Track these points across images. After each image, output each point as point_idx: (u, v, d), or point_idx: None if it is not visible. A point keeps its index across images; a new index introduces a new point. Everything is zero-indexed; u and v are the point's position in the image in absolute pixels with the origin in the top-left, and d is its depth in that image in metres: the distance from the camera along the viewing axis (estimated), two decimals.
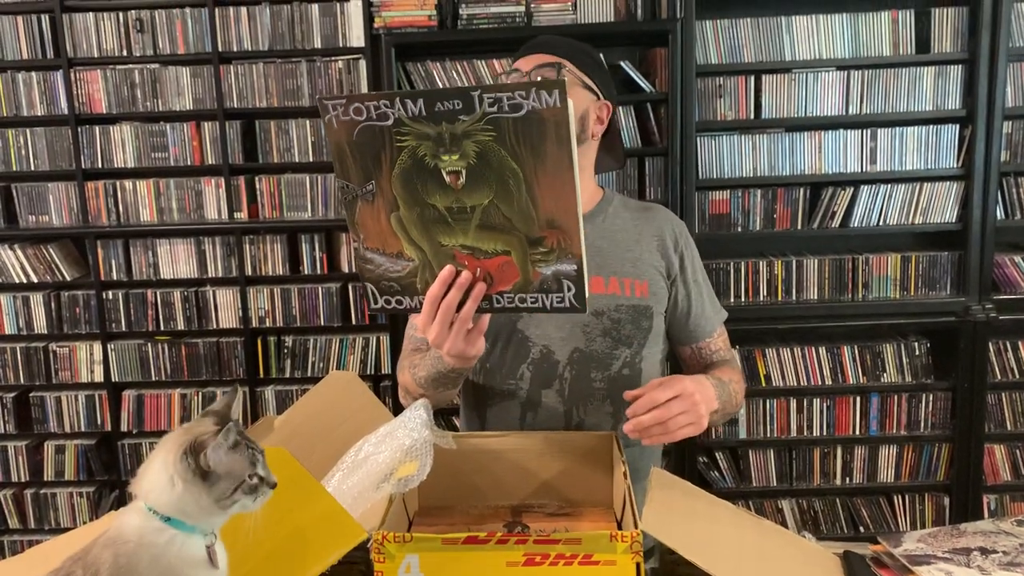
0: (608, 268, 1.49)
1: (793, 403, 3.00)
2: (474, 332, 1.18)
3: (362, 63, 2.96)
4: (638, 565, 0.99)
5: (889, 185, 2.90)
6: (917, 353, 2.96)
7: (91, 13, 2.97)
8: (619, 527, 1.23)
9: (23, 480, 3.19)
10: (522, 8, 2.84)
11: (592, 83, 1.50)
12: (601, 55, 2.88)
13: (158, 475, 0.86)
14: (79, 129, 3.03)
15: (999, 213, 2.89)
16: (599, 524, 1.25)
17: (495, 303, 1.14)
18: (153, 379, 3.13)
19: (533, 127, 1.00)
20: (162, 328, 3.11)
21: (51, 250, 3.09)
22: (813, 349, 2.96)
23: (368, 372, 3.11)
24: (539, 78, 1.41)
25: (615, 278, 1.49)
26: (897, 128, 2.88)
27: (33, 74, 3.03)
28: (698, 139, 2.88)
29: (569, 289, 1.10)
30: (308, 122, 3.01)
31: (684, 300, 1.55)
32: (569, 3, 2.85)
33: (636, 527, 1.02)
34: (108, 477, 3.20)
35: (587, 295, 1.11)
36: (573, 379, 1.49)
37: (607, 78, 1.55)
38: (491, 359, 1.52)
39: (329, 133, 1.08)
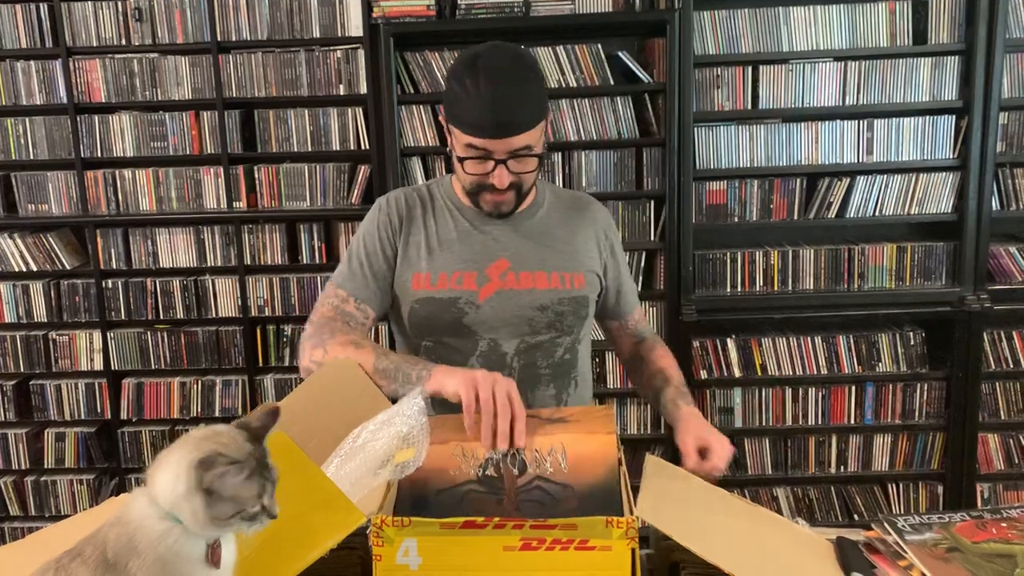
0: (549, 263, 1.55)
1: (789, 392, 3.02)
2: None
3: (360, 53, 2.96)
4: (633, 551, 1.01)
5: (885, 176, 2.91)
6: (912, 343, 2.98)
7: (90, 2, 2.97)
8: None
9: (23, 467, 3.21)
10: None
11: (546, 113, 1.48)
12: (599, 45, 2.88)
13: (168, 470, 0.86)
14: (78, 118, 3.03)
15: (995, 204, 2.90)
16: (596, 430, 1.23)
17: None
18: (153, 367, 3.14)
19: None
20: (162, 317, 3.12)
21: (51, 239, 3.09)
22: (809, 339, 2.98)
23: None
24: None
25: (556, 273, 1.54)
26: (894, 119, 2.89)
27: (32, 63, 3.03)
28: (696, 129, 2.88)
29: None
30: (307, 112, 3.02)
31: (614, 281, 1.67)
32: None
33: (631, 513, 1.03)
34: (108, 464, 3.21)
35: None
36: (522, 368, 1.54)
37: (546, 92, 1.52)
38: (438, 352, 1.54)
39: None
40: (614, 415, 1.18)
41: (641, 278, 3.03)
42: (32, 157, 3.09)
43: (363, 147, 3.03)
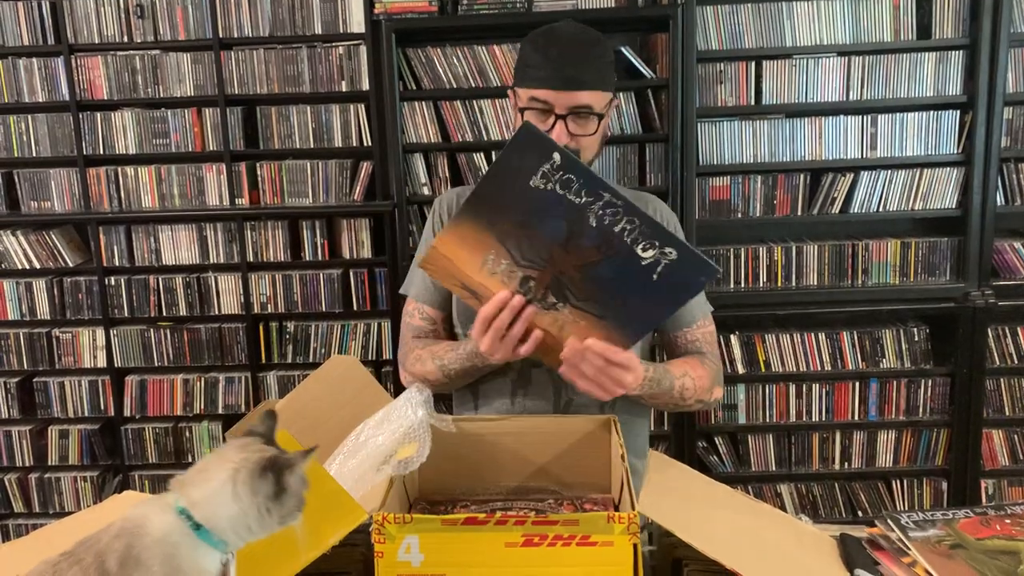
0: None
1: (792, 388, 3.01)
2: (524, 344, 1.26)
3: (363, 49, 2.96)
4: (635, 546, 1.00)
5: (889, 171, 2.90)
6: (916, 339, 2.97)
7: None
8: (616, 509, 1.24)
9: (27, 464, 3.21)
10: None
11: (612, 91, 1.52)
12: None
13: (219, 487, 0.86)
14: (80, 115, 3.03)
15: (999, 199, 2.89)
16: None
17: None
18: (156, 364, 3.14)
19: None
20: (164, 314, 3.12)
21: (53, 236, 3.09)
22: (812, 335, 2.97)
23: (369, 357, 3.13)
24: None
25: None
26: (898, 114, 2.87)
27: (34, 60, 3.03)
28: (699, 125, 2.87)
29: None
30: (309, 108, 3.01)
31: None
32: None
33: (633, 509, 1.03)
34: (112, 461, 3.22)
35: None
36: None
37: (614, 70, 1.57)
38: None
39: None
40: None
41: None
42: (34, 154, 3.09)
43: (365, 144, 3.03)
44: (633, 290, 1.17)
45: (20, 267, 3.12)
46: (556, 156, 1.12)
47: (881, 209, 2.93)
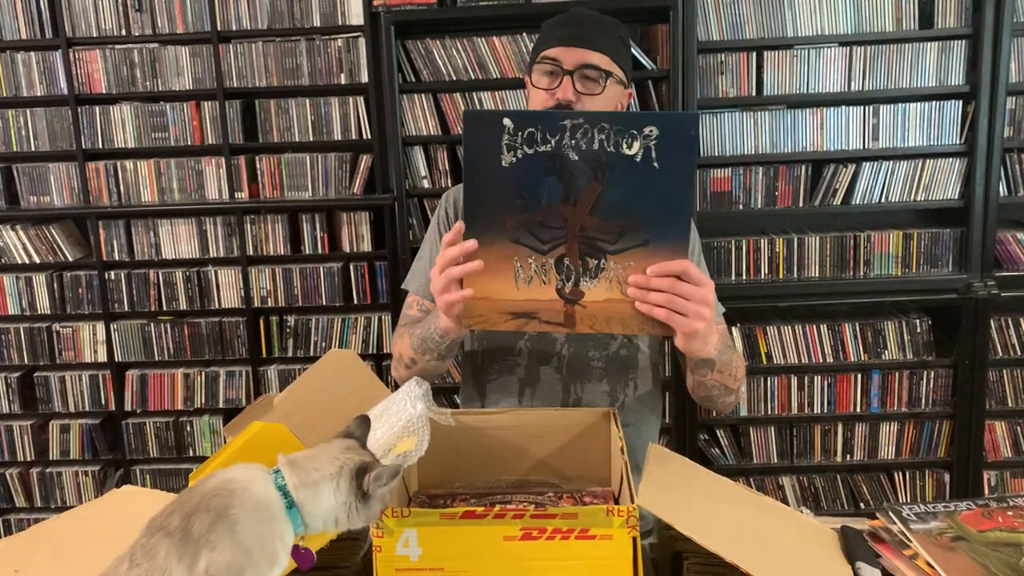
0: None
1: (794, 380, 3.01)
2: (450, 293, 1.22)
3: (361, 41, 2.95)
4: (634, 539, 1.00)
5: (891, 162, 2.89)
6: (918, 330, 2.96)
7: None
8: (616, 502, 1.24)
9: (29, 459, 3.22)
10: None
11: (625, 76, 1.53)
12: None
13: (325, 479, 0.90)
14: (79, 109, 3.03)
15: (1002, 190, 2.88)
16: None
17: None
18: (156, 359, 3.14)
19: None
20: (164, 308, 3.12)
21: (53, 231, 3.09)
22: (814, 327, 2.96)
23: (370, 351, 3.12)
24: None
25: None
26: (900, 104, 2.86)
27: (32, 54, 3.02)
28: (700, 116, 2.86)
29: None
30: (308, 101, 3.00)
31: None
32: None
33: (632, 502, 1.02)
34: (112, 456, 3.22)
35: None
36: (571, 356, 1.52)
37: (630, 58, 1.58)
38: (486, 336, 1.54)
39: None
40: None
41: None
42: (33, 149, 3.08)
43: (365, 137, 3.02)
44: (647, 192, 1.11)
45: (20, 262, 3.12)
46: (506, 121, 1.10)
47: (883, 200, 2.92)
